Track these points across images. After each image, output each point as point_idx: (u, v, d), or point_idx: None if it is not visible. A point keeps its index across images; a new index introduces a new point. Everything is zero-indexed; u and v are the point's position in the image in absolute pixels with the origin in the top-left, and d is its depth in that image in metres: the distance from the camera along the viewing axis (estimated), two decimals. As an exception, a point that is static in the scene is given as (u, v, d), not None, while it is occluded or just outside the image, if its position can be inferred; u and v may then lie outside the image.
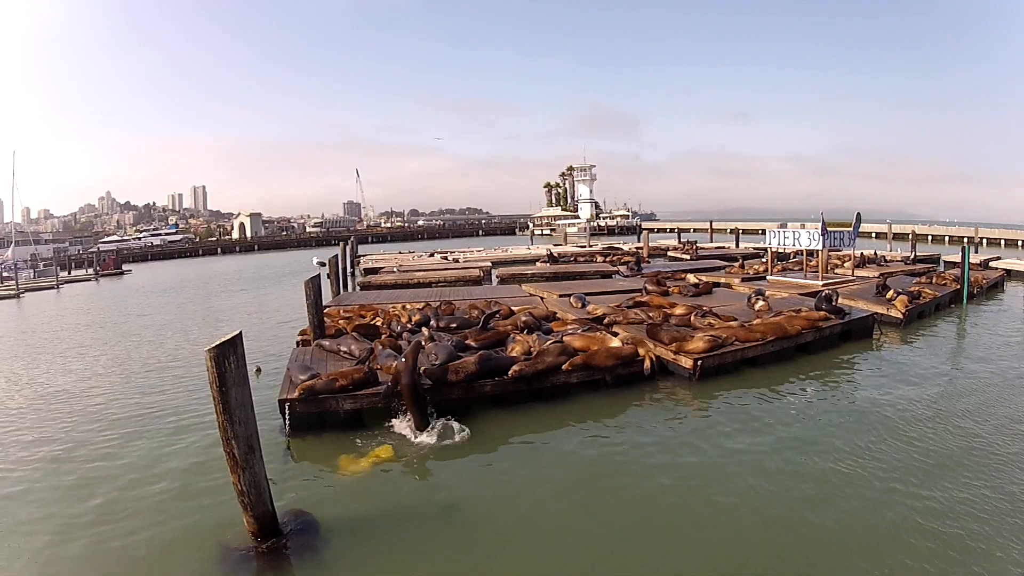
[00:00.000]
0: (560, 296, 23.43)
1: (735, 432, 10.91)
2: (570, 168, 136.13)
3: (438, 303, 21.14)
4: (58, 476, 10.19)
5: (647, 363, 13.71)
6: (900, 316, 19.26)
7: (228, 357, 7.02)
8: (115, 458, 10.88)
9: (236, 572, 7.28)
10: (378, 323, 17.87)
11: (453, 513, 8.53)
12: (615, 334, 15.47)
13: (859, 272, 27.98)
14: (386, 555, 7.48)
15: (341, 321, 17.99)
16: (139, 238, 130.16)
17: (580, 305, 19.85)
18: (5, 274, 57.04)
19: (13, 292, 45.46)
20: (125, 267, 73.42)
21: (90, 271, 67.38)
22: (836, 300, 17.71)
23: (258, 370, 16.04)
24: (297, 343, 16.86)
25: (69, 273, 66.61)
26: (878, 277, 24.55)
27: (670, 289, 23.23)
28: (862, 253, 31.67)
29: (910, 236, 46.55)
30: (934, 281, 24.53)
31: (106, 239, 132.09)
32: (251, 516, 7.53)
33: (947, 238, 62.19)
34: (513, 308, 19.05)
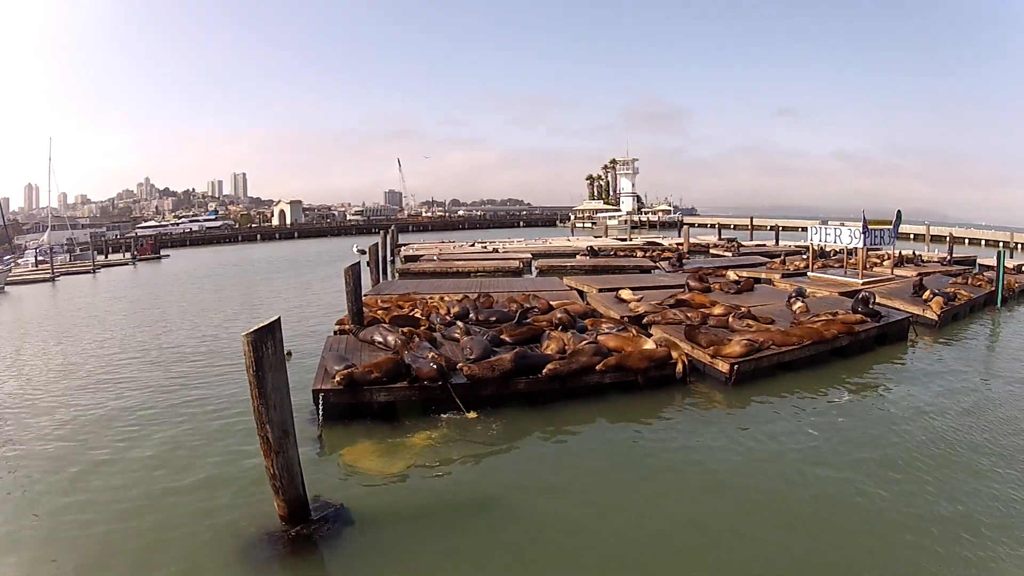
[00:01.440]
0: (600, 291, 23.85)
1: (766, 438, 11.04)
2: (613, 161, 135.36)
3: (476, 295, 21.48)
4: (88, 456, 10.73)
5: (679, 367, 13.85)
6: (935, 318, 19.51)
7: (266, 342, 7.39)
8: (147, 440, 11.39)
9: (264, 555, 7.62)
10: (417, 315, 18.23)
11: (483, 508, 8.82)
12: (650, 334, 15.71)
13: (897, 271, 28.32)
14: (414, 546, 7.79)
15: (379, 311, 18.38)
16: (177, 224, 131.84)
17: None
18: (40, 258, 58.49)
19: (48, 276, 46.82)
20: (163, 252, 74.87)
21: (127, 255, 68.74)
22: (873, 302, 17.83)
23: (289, 353, 16.26)
24: (335, 332, 17.27)
25: (106, 257, 68.23)
26: (916, 277, 24.69)
27: (712, 286, 23.61)
28: (900, 253, 31.81)
29: (947, 238, 46.50)
30: (969, 282, 24.86)
31: (144, 224, 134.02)
32: (282, 500, 7.90)
33: (983, 241, 61.28)
34: (551, 303, 19.35)
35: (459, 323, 16.49)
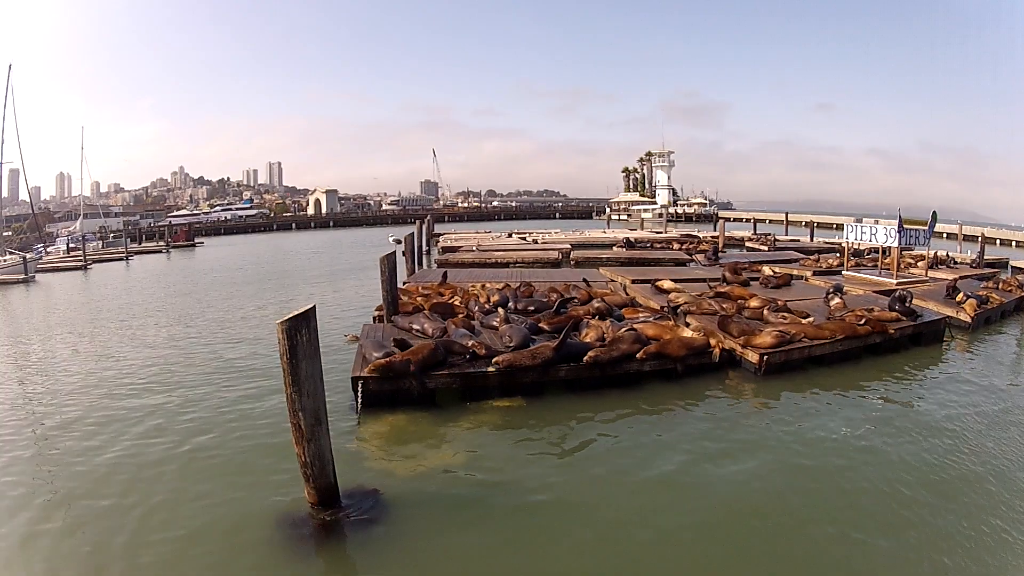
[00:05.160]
0: (633, 281, 24.34)
1: (788, 432, 11.05)
2: (648, 154, 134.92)
3: (518, 284, 21.65)
4: (118, 443, 10.87)
5: (716, 351, 14.19)
6: (968, 320, 19.31)
7: (300, 330, 7.48)
8: (177, 427, 11.52)
9: (293, 541, 7.72)
10: (456, 302, 18.36)
11: (518, 498, 8.80)
12: (687, 324, 15.86)
13: (932, 274, 27.99)
14: (444, 535, 7.82)
15: (419, 299, 18.59)
16: (211, 212, 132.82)
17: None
18: (72, 245, 59.65)
19: (80, 263, 47.57)
20: (197, 240, 75.80)
21: (160, 243, 69.70)
22: (910, 301, 17.71)
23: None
24: (373, 319, 17.40)
25: (139, 245, 69.24)
26: (951, 280, 24.26)
27: (749, 280, 23.83)
28: (935, 254, 31.29)
29: (979, 239, 44.82)
30: (1000, 286, 24.31)
31: (177, 212, 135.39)
32: (312, 488, 8.01)
33: (1014, 242, 59.89)
34: (592, 293, 19.44)
35: (500, 310, 16.63)
